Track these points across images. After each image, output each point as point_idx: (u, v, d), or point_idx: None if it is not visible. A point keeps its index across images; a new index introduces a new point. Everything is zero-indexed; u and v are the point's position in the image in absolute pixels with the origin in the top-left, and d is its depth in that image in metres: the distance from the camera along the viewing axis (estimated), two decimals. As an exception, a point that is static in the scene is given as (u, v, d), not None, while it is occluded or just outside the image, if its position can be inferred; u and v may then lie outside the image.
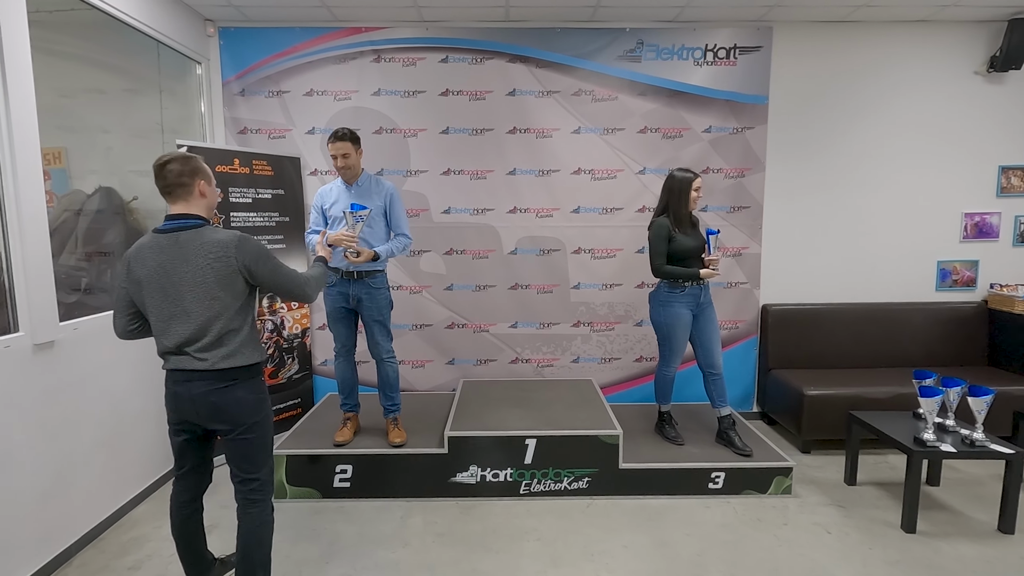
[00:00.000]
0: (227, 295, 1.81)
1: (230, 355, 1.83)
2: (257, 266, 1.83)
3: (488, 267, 3.86)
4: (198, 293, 1.79)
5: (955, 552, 2.44)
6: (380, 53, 3.68)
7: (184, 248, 1.79)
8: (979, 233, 3.93)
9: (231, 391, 1.85)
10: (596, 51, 3.68)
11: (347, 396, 3.09)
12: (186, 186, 1.83)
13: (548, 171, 3.79)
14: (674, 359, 3.11)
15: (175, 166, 1.81)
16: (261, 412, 1.93)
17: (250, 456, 1.93)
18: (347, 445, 2.99)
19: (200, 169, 1.86)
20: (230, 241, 1.80)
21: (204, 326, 1.81)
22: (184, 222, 1.82)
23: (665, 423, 3.24)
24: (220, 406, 1.84)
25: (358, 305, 2.92)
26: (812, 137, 3.81)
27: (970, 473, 3.20)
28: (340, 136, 2.78)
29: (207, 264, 1.78)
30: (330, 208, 2.89)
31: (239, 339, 1.85)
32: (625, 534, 2.61)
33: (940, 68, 3.77)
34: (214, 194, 1.93)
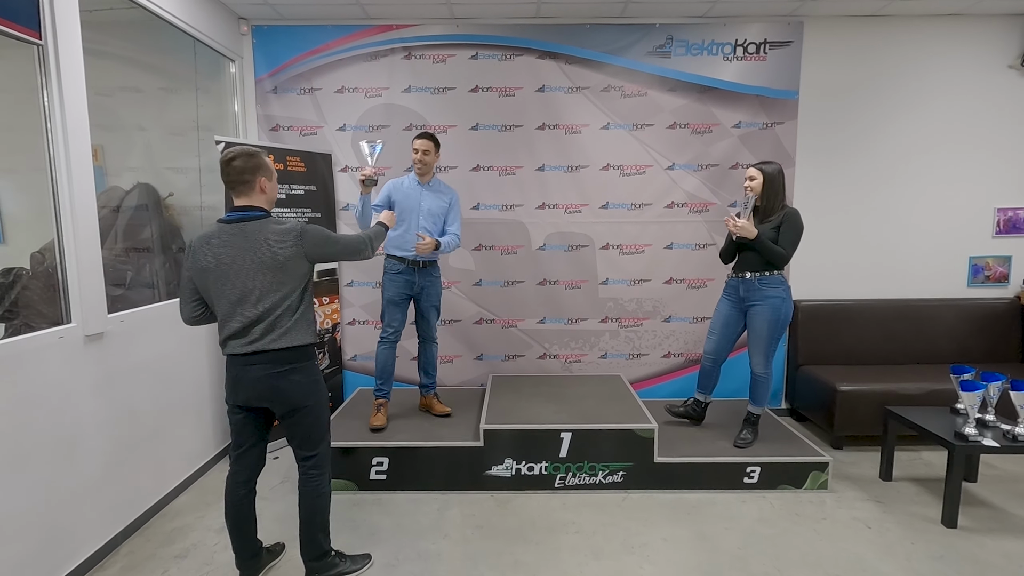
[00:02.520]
0: (292, 279, 1.95)
1: (285, 334, 1.94)
2: (324, 248, 1.99)
3: (517, 263, 3.88)
4: (263, 279, 1.91)
5: (1000, 548, 2.42)
6: (411, 50, 3.71)
7: (250, 237, 1.91)
8: (1012, 228, 3.89)
9: (288, 375, 1.97)
10: (626, 47, 3.69)
11: (384, 382, 3.17)
12: (248, 182, 1.95)
13: (577, 167, 3.80)
14: (706, 342, 3.15)
15: (239, 163, 1.93)
16: (316, 394, 2.05)
17: (308, 435, 2.07)
18: (382, 432, 3.04)
19: (261, 166, 1.97)
20: (294, 229, 1.93)
21: (267, 310, 1.93)
22: (248, 213, 1.95)
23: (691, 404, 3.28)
24: (279, 388, 1.97)
25: (420, 292, 3.13)
26: (842, 132, 3.79)
27: (1007, 470, 3.17)
28: (424, 135, 3.06)
29: (274, 252, 1.90)
30: (400, 199, 3.05)
31: (294, 318, 1.96)
32: (664, 527, 2.61)
33: (973, 62, 3.74)
34: (274, 190, 2.04)
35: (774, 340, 2.95)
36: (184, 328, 2.98)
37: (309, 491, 2.10)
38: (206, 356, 3.22)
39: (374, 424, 3.08)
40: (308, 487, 2.10)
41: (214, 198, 3.46)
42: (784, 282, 2.93)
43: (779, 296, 2.90)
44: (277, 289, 1.93)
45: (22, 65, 2.15)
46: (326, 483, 2.13)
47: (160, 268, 3.11)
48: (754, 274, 2.91)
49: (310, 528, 2.11)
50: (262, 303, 1.92)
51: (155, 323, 2.78)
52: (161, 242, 3.15)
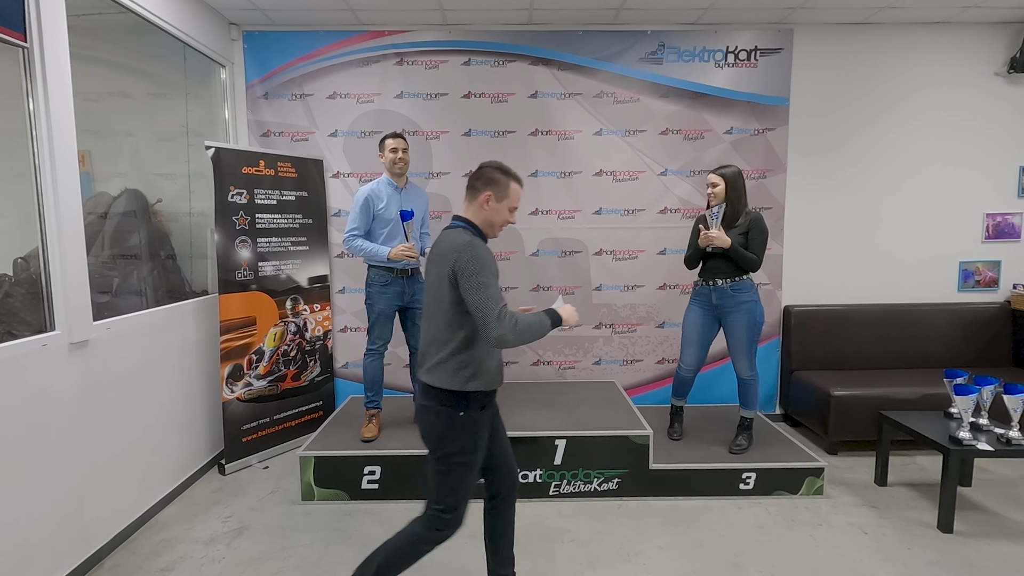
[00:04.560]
0: (440, 302, 1.75)
1: (430, 371, 1.77)
2: (463, 275, 1.67)
3: (510, 269, 3.86)
4: (430, 294, 1.80)
5: (996, 552, 2.42)
6: (403, 56, 3.70)
7: (438, 247, 1.80)
8: (1001, 233, 3.92)
9: (426, 412, 1.80)
10: (618, 53, 3.70)
11: (375, 393, 3.13)
12: (474, 190, 1.82)
13: (570, 173, 3.80)
14: (682, 354, 3.14)
15: (485, 170, 1.82)
16: (444, 448, 1.76)
17: (434, 484, 1.80)
18: (373, 442, 3.00)
19: (495, 181, 1.79)
20: (458, 243, 1.70)
21: (426, 331, 1.82)
22: (454, 222, 1.84)
23: (671, 416, 3.26)
24: (419, 419, 1.85)
25: (411, 301, 3.09)
26: (833, 138, 3.82)
27: (1001, 474, 3.17)
28: (397, 135, 3.02)
29: (436, 264, 1.77)
30: (382, 210, 2.98)
31: (440, 355, 1.75)
32: (659, 535, 2.59)
33: (960, 69, 3.78)
34: (497, 214, 1.81)
35: (754, 343, 2.98)
36: (173, 336, 2.96)
37: (410, 533, 1.82)
38: (196, 364, 3.17)
39: (366, 435, 3.03)
40: (413, 528, 1.82)
41: (203, 204, 3.43)
42: (754, 285, 2.97)
43: (752, 300, 2.95)
44: (430, 308, 1.78)
45: (7, 68, 2.11)
46: (425, 540, 1.81)
47: (148, 275, 3.06)
48: (726, 281, 2.93)
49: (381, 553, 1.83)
50: (425, 320, 1.82)
51: (142, 331, 2.73)
52: (149, 249, 3.10)
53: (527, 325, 1.69)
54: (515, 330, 1.66)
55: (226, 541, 2.55)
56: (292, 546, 2.51)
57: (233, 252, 3.21)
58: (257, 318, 3.34)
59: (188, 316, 3.12)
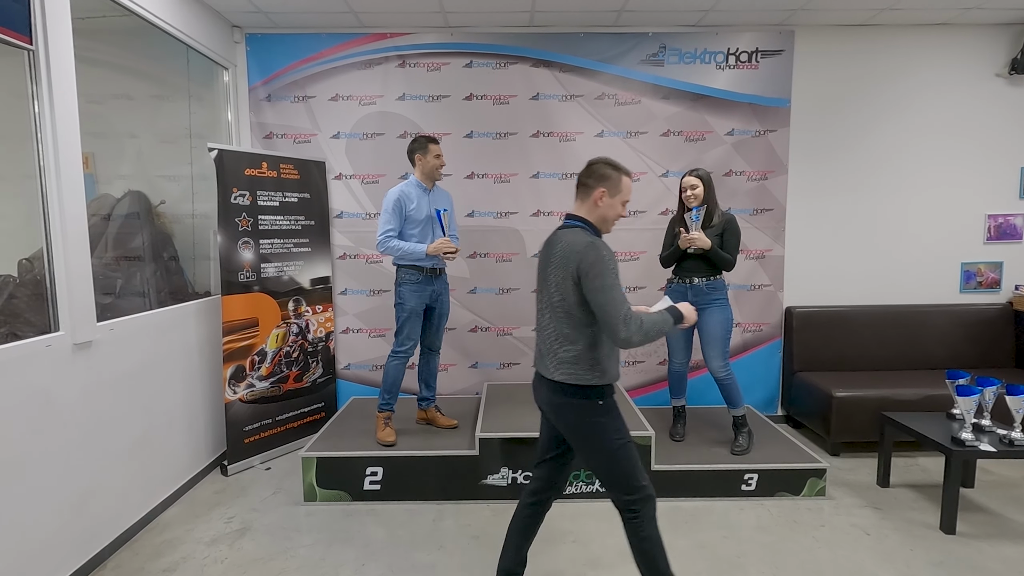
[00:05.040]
0: (565, 302, 1.77)
1: (560, 369, 1.79)
2: (588, 276, 1.70)
3: (512, 270, 3.86)
4: (549, 294, 1.81)
5: (998, 553, 2.41)
6: (405, 58, 3.72)
7: (555, 247, 1.81)
8: (1002, 235, 3.92)
9: (563, 409, 1.83)
10: (619, 55, 3.71)
11: (393, 396, 3.10)
12: (586, 187, 1.84)
13: (572, 174, 3.80)
14: (671, 353, 3.20)
15: (595, 167, 1.83)
16: (593, 442, 1.80)
17: (598, 472, 1.86)
18: (376, 443, 3.00)
19: (607, 177, 1.81)
20: (580, 244, 1.73)
21: (548, 333, 1.83)
22: (569, 222, 1.86)
23: (673, 417, 3.29)
24: (557, 417, 1.86)
25: (437, 300, 3.11)
26: (834, 140, 3.82)
27: (1003, 475, 3.17)
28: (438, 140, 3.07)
29: (558, 264, 1.77)
30: (413, 211, 2.99)
31: (570, 354, 1.77)
32: (662, 536, 2.58)
33: (962, 71, 3.78)
34: (611, 209, 1.83)
35: (727, 340, 3.06)
36: (175, 337, 2.97)
37: (630, 534, 1.88)
38: (199, 365, 3.18)
39: (387, 440, 2.99)
40: (627, 529, 1.88)
41: (206, 206, 3.44)
42: (725, 284, 3.08)
43: (724, 297, 3.06)
44: (553, 309, 1.80)
45: (12, 71, 2.12)
46: (643, 527, 1.84)
47: (151, 276, 3.07)
48: (702, 280, 3.02)
49: (641, 564, 1.88)
50: (545, 319, 1.84)
51: (146, 331, 2.74)
52: (152, 250, 3.12)
53: (651, 326, 1.72)
54: (640, 331, 1.70)
55: (228, 542, 2.56)
56: (294, 547, 2.52)
57: (236, 253, 3.22)
58: (259, 319, 3.34)
59: (191, 317, 3.13)
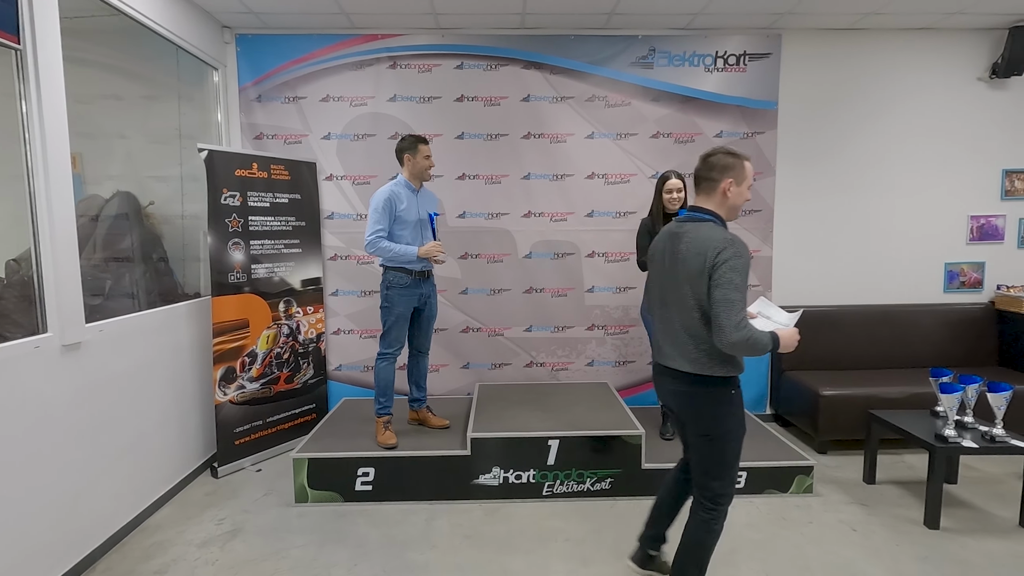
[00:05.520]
0: (697, 295, 1.76)
1: (693, 362, 1.81)
2: (720, 269, 1.69)
3: (503, 271, 3.88)
4: (679, 287, 1.81)
5: (981, 548, 2.46)
6: (396, 60, 3.72)
7: (682, 239, 1.81)
8: (984, 235, 4.00)
9: (693, 398, 1.86)
10: (609, 58, 3.74)
11: (388, 399, 3.09)
12: (711, 181, 1.83)
13: (562, 175, 3.83)
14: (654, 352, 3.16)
15: (715, 159, 1.83)
16: (721, 427, 1.84)
17: (705, 463, 1.90)
18: (370, 444, 3.00)
19: (732, 167, 1.81)
20: (718, 240, 1.72)
21: (676, 327, 1.84)
22: (695, 214, 1.86)
23: (663, 416, 3.33)
24: (686, 408, 1.89)
25: (426, 303, 3.11)
26: (821, 142, 3.88)
27: (986, 471, 3.22)
28: (427, 140, 3.04)
29: (692, 258, 1.76)
30: (403, 211, 2.98)
31: (703, 348, 1.78)
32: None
33: (945, 74, 3.85)
34: (740, 196, 1.84)
35: None
36: (165, 338, 2.96)
37: (695, 519, 1.93)
38: (190, 365, 3.16)
39: (389, 443, 2.98)
40: (696, 515, 1.93)
41: (196, 207, 3.42)
42: None
43: None
44: (684, 301, 1.79)
45: (0, 70, 2.11)
46: (715, 520, 1.90)
47: (140, 277, 3.05)
48: None
49: (682, 557, 1.96)
50: (674, 313, 1.84)
51: (135, 333, 2.72)
52: (141, 251, 3.10)
53: (755, 342, 1.70)
54: (747, 342, 1.68)
55: (220, 543, 2.55)
56: (286, 548, 2.51)
57: (226, 254, 3.21)
58: (250, 320, 3.33)
59: (181, 319, 3.11)
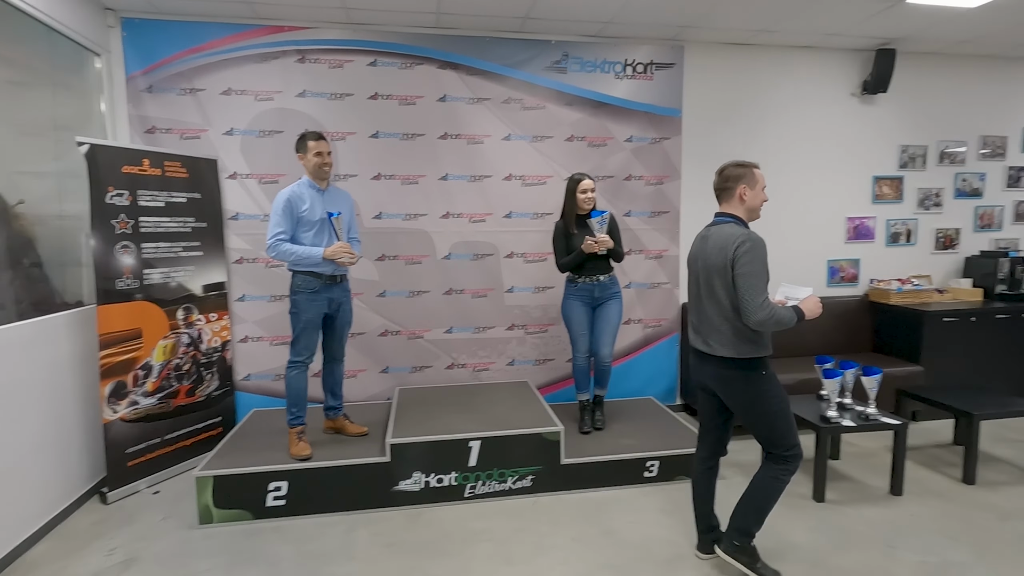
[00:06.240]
0: (724, 288, 2.04)
1: (726, 346, 2.07)
2: (739, 261, 1.98)
3: (422, 272, 3.83)
4: (712, 283, 2.07)
5: (861, 516, 2.75)
6: (304, 54, 3.57)
7: (709, 240, 2.10)
8: (859, 235, 4.46)
9: (733, 381, 2.11)
10: (525, 61, 3.80)
11: (301, 408, 2.95)
12: (728, 190, 2.13)
13: (480, 176, 3.84)
14: (575, 348, 3.37)
15: (728, 172, 2.13)
16: (759, 402, 2.10)
17: (766, 436, 2.16)
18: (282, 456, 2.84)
19: (744, 176, 2.10)
20: (737, 236, 2.00)
21: (712, 317, 2.10)
22: (719, 219, 2.15)
23: (580, 411, 3.44)
24: (725, 388, 2.14)
25: (338, 309, 2.98)
26: (720, 148, 4.15)
27: (864, 446, 3.60)
28: (321, 136, 2.88)
29: (718, 253, 2.04)
30: (306, 212, 2.82)
31: (735, 334, 2.05)
32: (573, 527, 2.68)
33: (825, 89, 4.26)
34: (756, 198, 2.12)
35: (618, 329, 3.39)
36: (42, 352, 2.66)
37: (766, 469, 2.19)
38: (71, 383, 2.85)
39: (303, 454, 2.84)
40: (768, 469, 2.19)
41: (77, 207, 3.09)
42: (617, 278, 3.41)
43: (620, 290, 3.40)
44: (712, 293, 2.07)
45: None
46: (785, 474, 2.16)
47: (8, 285, 2.72)
48: (606, 276, 3.31)
49: (747, 501, 2.23)
50: (705, 304, 2.12)
51: (4, 347, 2.42)
52: (10, 256, 2.76)
53: (780, 317, 1.98)
54: (772, 319, 1.96)
55: (111, 576, 2.33)
56: (190, 574, 2.34)
57: (113, 259, 2.93)
58: (143, 330, 3.07)
59: (60, 330, 2.80)
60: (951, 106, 4.47)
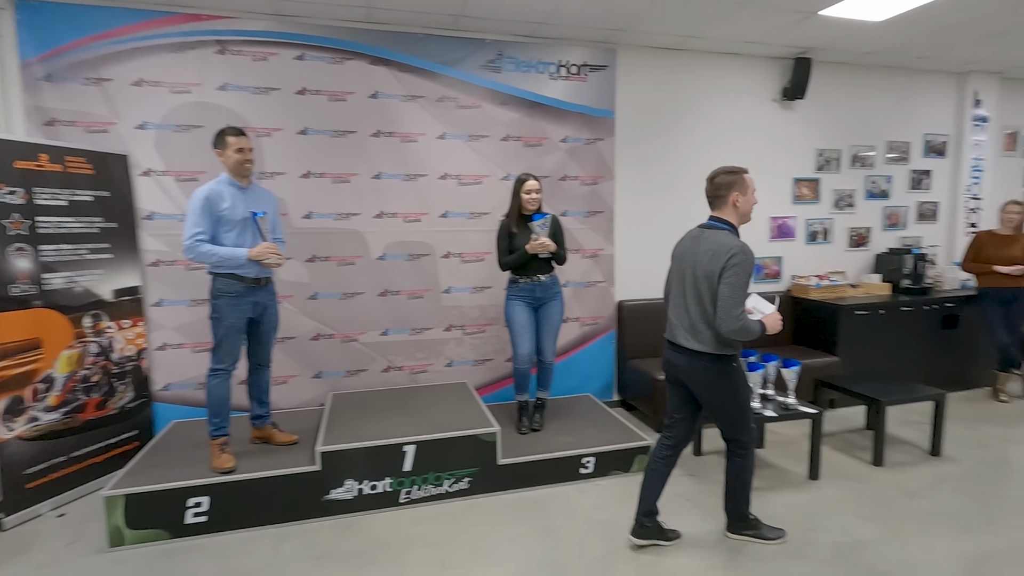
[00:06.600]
0: (709, 291, 2.17)
1: (705, 343, 2.22)
2: (729, 271, 2.11)
3: (355, 274, 3.72)
4: (698, 284, 2.20)
5: (782, 500, 2.89)
6: (225, 44, 3.38)
7: (701, 243, 2.23)
8: (782, 234, 4.70)
9: (705, 373, 2.27)
10: (459, 59, 3.76)
11: (223, 419, 2.80)
12: (721, 198, 2.26)
13: (415, 176, 3.77)
14: (517, 350, 3.34)
15: (719, 179, 2.26)
16: (728, 394, 2.32)
17: (725, 423, 2.40)
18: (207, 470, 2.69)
19: (735, 183, 2.24)
20: (730, 246, 2.13)
21: (692, 313, 2.24)
22: (712, 223, 2.27)
23: (519, 412, 3.44)
24: (697, 380, 2.31)
25: (263, 313, 2.84)
26: (651, 149, 4.27)
27: (785, 434, 3.79)
28: (242, 131, 2.74)
29: (707, 259, 2.17)
30: (227, 211, 2.67)
31: (711, 331, 2.19)
32: (510, 528, 2.68)
33: (749, 94, 4.45)
34: (748, 204, 2.26)
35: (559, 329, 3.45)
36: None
37: (731, 465, 2.45)
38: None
39: (226, 467, 2.69)
40: (731, 462, 2.45)
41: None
42: None
43: (561, 290, 3.43)
44: (697, 295, 2.21)
45: None
46: (746, 462, 2.42)
47: None
48: (548, 276, 3.34)
49: (730, 490, 2.47)
50: (689, 303, 2.25)
51: None
52: None
53: (749, 329, 2.14)
54: (742, 329, 2.12)
55: (3, 611, 2.12)
56: (96, 602, 2.17)
57: (6, 262, 2.68)
58: (43, 340, 2.82)
59: (-58, 342, 2.53)
60: (861, 113, 4.78)
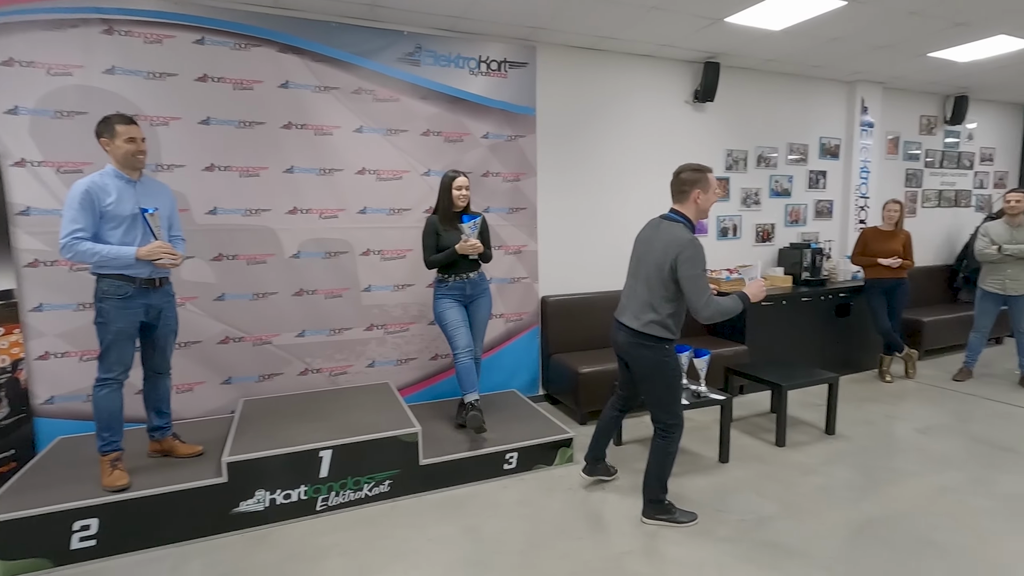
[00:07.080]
0: (662, 278, 2.38)
1: (646, 324, 2.44)
2: (685, 265, 2.31)
3: (267, 273, 3.53)
4: (649, 270, 2.44)
5: (694, 485, 3.03)
6: (112, 24, 3.10)
7: (658, 232, 2.45)
8: (695, 230, 4.88)
9: (640, 349, 2.49)
10: (376, 51, 3.65)
11: (114, 432, 2.57)
12: (683, 193, 2.45)
13: (330, 170, 3.62)
14: (456, 347, 3.20)
15: (685, 175, 2.44)
16: (657, 374, 2.50)
17: (652, 403, 2.58)
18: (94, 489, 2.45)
19: (699, 181, 2.42)
20: (683, 240, 2.33)
21: (640, 295, 2.48)
22: (671, 215, 2.47)
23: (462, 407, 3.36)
24: (632, 356, 2.54)
25: (158, 317, 2.64)
26: (572, 147, 4.34)
27: (698, 420, 3.97)
28: (132, 120, 2.55)
29: (661, 250, 2.38)
30: (112, 206, 2.44)
31: (654, 317, 2.43)
32: (432, 528, 2.64)
33: (663, 96, 4.63)
34: (707, 201, 2.45)
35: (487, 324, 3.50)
36: None
37: (655, 446, 2.61)
38: None
39: (117, 484, 2.48)
40: (655, 443, 2.60)
41: None
42: None
43: (489, 286, 3.48)
44: (648, 282, 2.43)
45: None
46: (669, 445, 2.57)
47: None
48: (476, 273, 3.37)
49: (650, 476, 2.62)
50: (639, 287, 2.49)
51: None
52: None
53: (725, 308, 2.37)
54: (719, 312, 2.35)
55: None
56: (-42, 646, 1.93)
57: None
58: None
59: None
60: (765, 116, 5.09)
